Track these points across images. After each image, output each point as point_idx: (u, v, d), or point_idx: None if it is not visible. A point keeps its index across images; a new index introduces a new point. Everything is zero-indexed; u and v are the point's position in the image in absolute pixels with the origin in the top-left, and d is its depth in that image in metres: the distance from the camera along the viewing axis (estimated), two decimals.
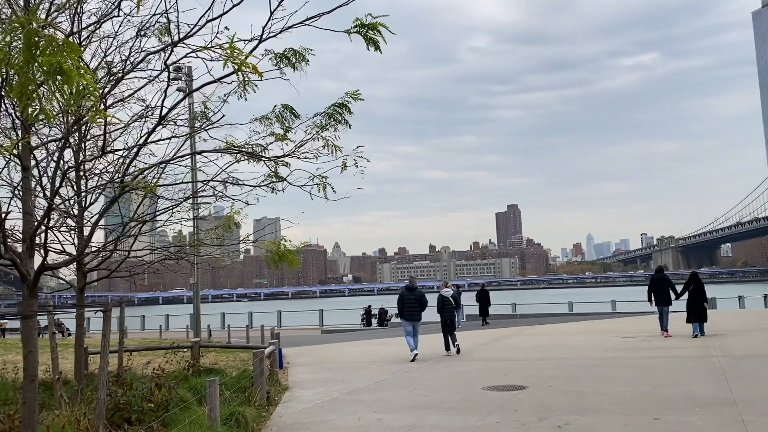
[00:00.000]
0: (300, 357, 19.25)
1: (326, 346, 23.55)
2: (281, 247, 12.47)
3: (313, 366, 16.56)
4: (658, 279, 20.12)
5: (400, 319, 17.31)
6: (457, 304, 18.25)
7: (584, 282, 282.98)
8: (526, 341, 20.00)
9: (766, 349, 14.75)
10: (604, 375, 12.13)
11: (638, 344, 17.27)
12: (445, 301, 17.61)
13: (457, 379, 12.69)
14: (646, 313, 33.05)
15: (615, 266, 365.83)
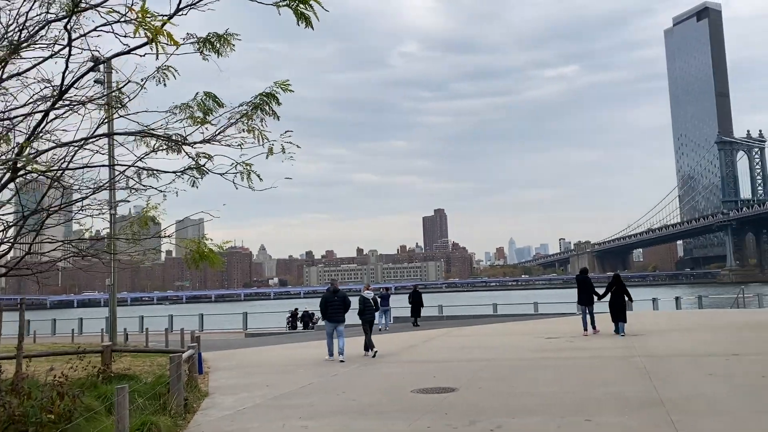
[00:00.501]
0: (222, 361, 18.44)
1: (250, 349, 22.75)
2: (202, 246, 11.79)
3: (236, 370, 15.84)
4: (581, 280, 20.83)
5: (324, 320, 17.41)
6: (377, 306, 18.63)
7: (506, 285, 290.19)
8: (453, 342, 19.94)
9: (684, 348, 15.20)
10: (532, 376, 12.10)
11: (562, 345, 17.50)
12: (366, 303, 17.88)
13: (386, 382, 12.35)
14: (567, 315, 34.00)
15: (535, 270, 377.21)
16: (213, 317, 50.97)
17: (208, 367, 16.73)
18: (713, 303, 44.22)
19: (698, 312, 31.27)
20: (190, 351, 11.64)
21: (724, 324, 21.31)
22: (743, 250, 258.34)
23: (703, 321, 23.25)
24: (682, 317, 26.33)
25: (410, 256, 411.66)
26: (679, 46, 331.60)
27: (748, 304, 33.81)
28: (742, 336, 17.30)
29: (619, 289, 19.65)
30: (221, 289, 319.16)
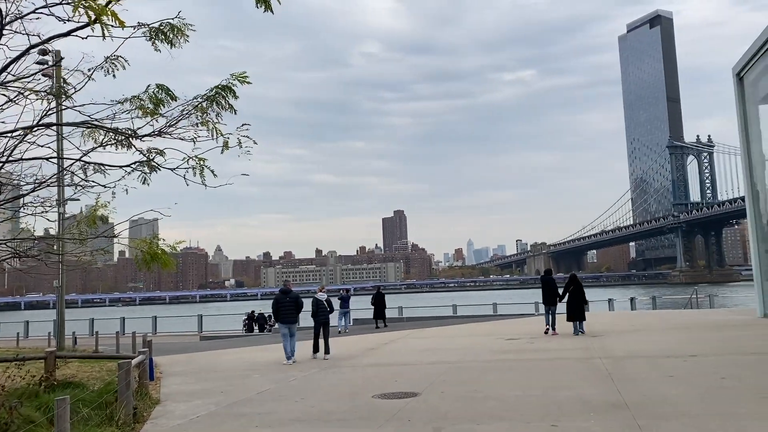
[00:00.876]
0: (175, 366, 17.80)
1: (205, 353, 22.11)
2: (154, 246, 11.25)
3: (190, 376, 15.27)
4: (545, 281, 21.19)
5: (277, 322, 17.37)
6: (331, 308, 18.60)
7: (464, 285, 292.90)
8: (414, 345, 19.72)
9: (642, 350, 15.28)
10: (494, 379, 11.93)
11: (523, 346, 17.45)
12: (320, 304, 17.92)
13: (346, 387, 12.01)
14: (526, 315, 34.23)
15: (493, 270, 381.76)
16: (167, 320, 49.74)
17: (160, 373, 16.11)
18: (666, 303, 45.25)
19: (653, 312, 31.84)
20: (140, 356, 11.09)
21: (679, 324, 21.64)
22: (692, 252, 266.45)
23: (658, 321, 23.59)
24: (638, 318, 26.71)
25: (370, 257, 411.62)
26: (632, 52, 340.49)
27: (701, 305, 34.59)
28: (698, 336, 17.55)
29: (577, 289, 19.99)
30: (176, 290, 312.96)
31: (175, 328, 45.46)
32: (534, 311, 37.21)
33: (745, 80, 23.86)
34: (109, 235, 11.55)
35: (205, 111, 7.90)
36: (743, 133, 23.96)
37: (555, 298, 20.43)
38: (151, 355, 15.60)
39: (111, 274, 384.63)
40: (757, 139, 23.59)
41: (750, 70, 23.22)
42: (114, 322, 45.33)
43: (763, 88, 22.90)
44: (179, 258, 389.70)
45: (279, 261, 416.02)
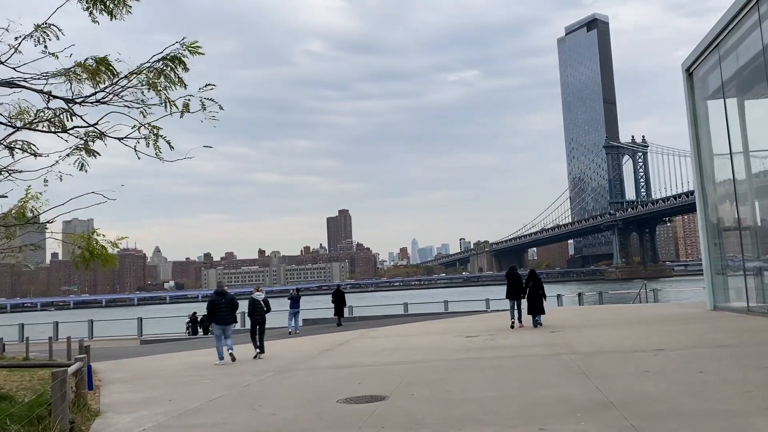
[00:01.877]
0: (116, 372, 16.54)
1: (147, 358, 20.79)
2: (92, 243, 10.15)
3: (132, 383, 14.10)
4: (510, 276, 21.74)
5: (212, 324, 17.61)
6: (268, 308, 18.90)
7: (409, 284, 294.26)
8: (371, 344, 18.99)
9: (606, 345, 15.01)
10: (464, 378, 11.32)
11: (483, 343, 16.97)
12: (256, 304, 18.34)
13: (306, 392, 11.17)
14: (478, 312, 34.01)
15: (437, 269, 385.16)
16: (104, 324, 47.43)
17: (99, 380, 14.86)
18: (612, 298, 46.09)
19: (603, 307, 32.12)
20: (77, 363, 9.95)
21: (633, 319, 21.67)
22: (628, 249, 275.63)
23: (611, 316, 23.63)
24: (590, 312, 26.78)
25: (314, 257, 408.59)
26: (570, 54, 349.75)
27: (647, 299, 35.14)
28: (657, 330, 17.47)
29: (536, 284, 20.70)
30: (113, 293, 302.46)
31: (113, 332, 43.36)
32: (485, 308, 37.14)
33: (695, 76, 24.19)
34: (40, 223, 10.36)
35: (153, 84, 6.95)
36: (692, 128, 24.28)
37: (520, 293, 21.00)
38: (90, 362, 14.36)
39: (43, 277, 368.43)
40: (706, 134, 23.96)
41: (699, 66, 23.53)
42: (47, 327, 42.86)
43: (712, 84, 23.25)
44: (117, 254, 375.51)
45: (220, 262, 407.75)
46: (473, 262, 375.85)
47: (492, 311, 33.16)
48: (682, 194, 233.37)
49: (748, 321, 18.17)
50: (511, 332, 19.51)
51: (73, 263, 10.11)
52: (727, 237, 23.35)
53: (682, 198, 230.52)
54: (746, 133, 21.92)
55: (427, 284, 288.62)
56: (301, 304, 30.68)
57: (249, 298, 18.74)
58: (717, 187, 23.65)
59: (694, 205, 53.90)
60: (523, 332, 19.27)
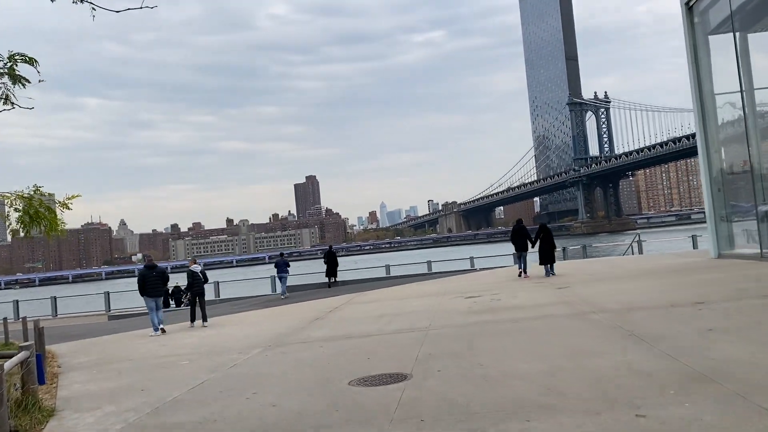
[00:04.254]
0: (79, 355, 14.52)
1: (116, 336, 18.76)
2: (35, 203, 8.05)
3: (98, 368, 12.14)
4: (517, 230, 22.47)
5: (143, 296, 17.88)
6: (205, 278, 19.41)
7: (380, 248, 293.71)
8: (364, 310, 17.26)
9: (633, 300, 13.49)
10: (492, 347, 9.66)
11: (491, 304, 15.36)
12: (195, 276, 18.76)
13: (307, 372, 9.38)
14: (464, 271, 32.61)
15: (406, 231, 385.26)
16: (70, 300, 44.83)
17: (58, 366, 12.87)
18: (594, 252, 45.15)
19: (596, 260, 30.88)
20: (22, 353, 7.96)
21: (640, 271, 20.35)
22: (592, 204, 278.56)
23: (610, 269, 22.31)
24: (585, 266, 25.43)
25: (283, 225, 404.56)
26: (531, 11, 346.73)
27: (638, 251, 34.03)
28: (676, 282, 16.09)
29: (547, 236, 21.57)
30: (79, 269, 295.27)
31: (79, 309, 40.92)
32: (470, 266, 35.79)
33: (695, 10, 22.50)
34: None
35: None
36: (693, 66, 22.70)
37: (526, 244, 21.99)
38: (43, 347, 12.33)
39: (5, 255, 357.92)
40: (707, 72, 22.42)
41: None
42: (6, 307, 40.23)
43: (714, 17, 21.63)
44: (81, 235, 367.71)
45: (188, 233, 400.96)
46: (442, 223, 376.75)
47: (481, 269, 31.76)
48: (644, 148, 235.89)
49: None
50: (514, 290, 17.98)
51: (9, 230, 7.99)
52: (732, 182, 22.06)
53: (644, 152, 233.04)
54: (750, 70, 20.47)
55: (397, 247, 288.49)
56: (280, 270, 29.20)
57: (187, 270, 19.06)
58: (721, 129, 22.25)
59: (655, 159, 51.56)
60: (529, 289, 17.75)
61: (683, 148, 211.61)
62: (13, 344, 20.29)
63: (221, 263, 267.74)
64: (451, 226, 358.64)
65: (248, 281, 45.64)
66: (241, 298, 32.79)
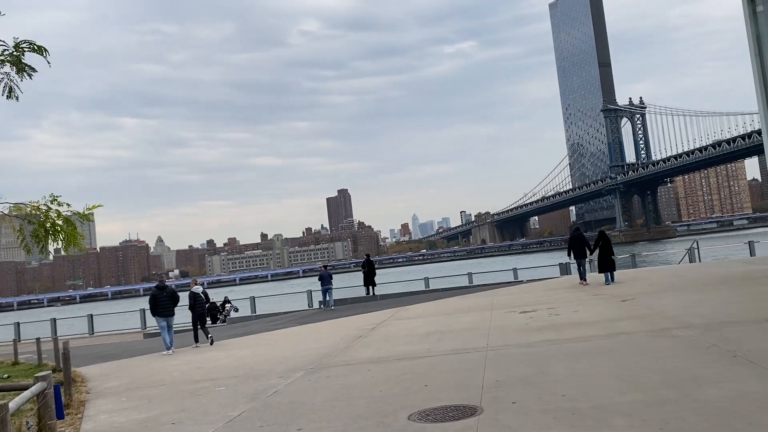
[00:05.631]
0: (109, 379, 13.64)
1: (148, 357, 17.88)
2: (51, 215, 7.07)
3: (128, 395, 11.18)
4: (575, 237, 22.25)
5: (155, 316, 18.24)
6: (208, 299, 20.76)
7: (413, 260, 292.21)
8: (410, 327, 16.04)
9: (715, 313, 12.04)
10: (570, 372, 8.38)
11: (550, 319, 14.03)
12: (197, 297, 19.27)
13: (358, 402, 8.23)
14: (509, 284, 31.06)
15: (439, 243, 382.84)
16: (107, 317, 44.59)
17: (87, 392, 11.96)
18: (641, 262, 43.14)
19: (652, 270, 29.11)
20: (37, 386, 6.99)
21: (705, 280, 18.74)
22: (630, 212, 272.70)
23: (673, 279, 20.69)
24: (641, 276, 23.77)
25: (316, 238, 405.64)
26: (562, 19, 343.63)
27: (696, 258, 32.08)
28: (757, 292, 14.54)
29: (606, 244, 21.27)
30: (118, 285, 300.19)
31: (116, 326, 40.56)
32: (513, 278, 34.24)
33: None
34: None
35: None
36: (756, 59, 21.03)
37: (586, 252, 21.79)
38: (68, 371, 11.44)
39: (47, 273, 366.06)
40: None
41: None
42: (45, 325, 40.08)
43: None
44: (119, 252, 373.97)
45: (223, 248, 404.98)
46: (475, 234, 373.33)
47: (528, 281, 30.21)
48: (682, 154, 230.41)
49: None
50: (572, 303, 16.58)
51: (22, 246, 7.03)
52: None
53: (683, 158, 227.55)
54: None
55: (431, 259, 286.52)
56: (326, 282, 28.59)
57: (189, 292, 19.41)
58: None
59: (695, 165, 49.01)
60: (589, 302, 16.34)
61: (724, 153, 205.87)
62: (46, 365, 19.64)
63: (256, 277, 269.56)
64: (485, 237, 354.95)
65: (284, 296, 44.85)
66: (277, 314, 31.85)
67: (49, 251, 7.55)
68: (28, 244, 7.07)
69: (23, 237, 7.11)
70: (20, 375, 17.74)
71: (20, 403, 5.99)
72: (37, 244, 7.02)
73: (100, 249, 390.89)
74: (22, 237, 7.16)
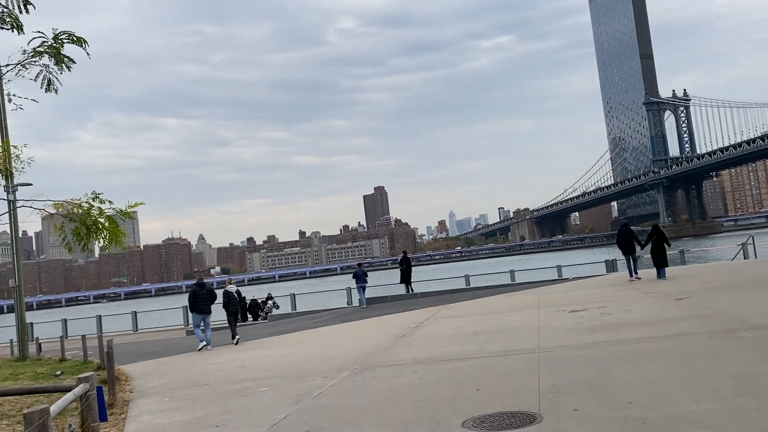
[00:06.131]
0: (153, 377, 13.58)
1: (191, 355, 17.84)
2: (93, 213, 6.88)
3: (171, 394, 11.05)
4: (624, 232, 21.85)
5: (191, 312, 18.86)
6: (240, 299, 21.19)
7: (450, 257, 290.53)
8: (454, 326, 15.60)
9: None
10: (632, 377, 7.85)
11: (602, 319, 13.44)
12: (230, 296, 19.81)
13: (407, 406, 7.87)
14: (552, 281, 30.26)
15: (477, 240, 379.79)
16: (150, 314, 45.31)
17: (130, 391, 11.90)
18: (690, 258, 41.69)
19: (701, 266, 28.06)
20: (79, 387, 6.83)
21: (764, 277, 17.82)
22: (674, 207, 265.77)
23: (725, 276, 19.78)
24: (694, 273, 22.84)
25: (353, 236, 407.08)
26: (602, 10, 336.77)
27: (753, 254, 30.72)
28: None
29: (659, 237, 20.80)
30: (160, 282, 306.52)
31: (159, 323, 41.16)
32: (557, 276, 33.38)
33: None
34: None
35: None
36: None
37: (634, 247, 21.41)
38: (112, 370, 11.37)
39: (93, 270, 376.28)
40: None
41: None
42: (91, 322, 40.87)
43: None
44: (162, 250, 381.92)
45: (263, 245, 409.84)
46: (514, 230, 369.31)
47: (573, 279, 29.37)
48: (729, 147, 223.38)
49: None
50: (624, 302, 15.92)
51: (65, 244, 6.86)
52: None
53: (729, 151, 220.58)
54: None
55: (468, 256, 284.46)
56: (360, 280, 28.49)
57: (223, 291, 19.90)
58: None
59: (742, 158, 46.97)
60: (641, 301, 15.67)
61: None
62: (91, 362, 19.82)
63: (295, 274, 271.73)
64: (524, 234, 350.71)
65: (323, 293, 44.83)
66: (317, 311, 31.73)
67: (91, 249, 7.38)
68: (70, 242, 6.90)
69: (65, 235, 6.95)
70: (67, 372, 17.91)
71: (62, 406, 5.81)
72: (79, 242, 6.84)
73: (144, 247, 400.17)
74: (63, 235, 7.01)
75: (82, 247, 7.20)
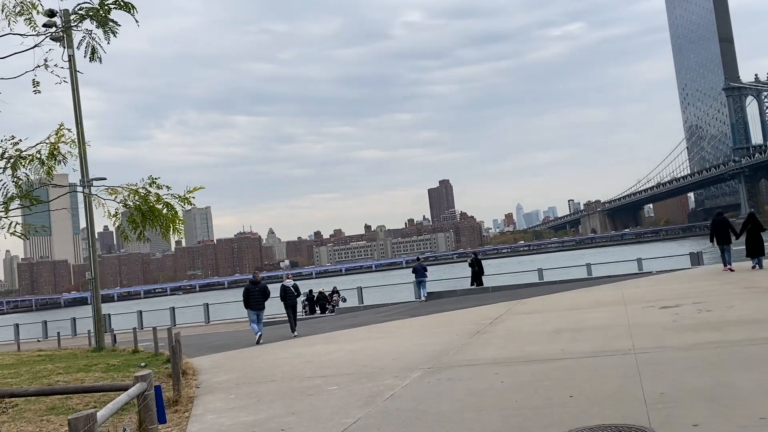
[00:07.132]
0: (220, 372, 13.22)
1: (258, 349, 17.51)
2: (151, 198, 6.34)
3: (237, 391, 10.58)
4: (719, 222, 20.92)
5: (246, 308, 19.10)
6: (298, 292, 20.57)
7: (518, 251, 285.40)
8: (532, 323, 14.57)
9: None
10: (758, 386, 6.72)
11: (705, 317, 12.09)
12: (287, 290, 19.90)
13: (491, 415, 7.01)
14: (633, 275, 28.52)
15: (546, 233, 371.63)
16: (222, 306, 45.95)
17: (197, 387, 11.53)
18: None
19: None
20: (135, 387, 6.33)
21: None
22: (757, 197, 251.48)
23: None
24: None
25: (418, 229, 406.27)
26: None
27: None
28: None
29: (755, 226, 20.03)
30: (233, 275, 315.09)
31: (230, 315, 41.63)
32: (637, 269, 31.50)
33: None
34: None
35: None
36: None
37: (729, 237, 20.54)
38: (178, 364, 11.00)
39: (170, 263, 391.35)
40: None
41: None
42: (164, 314, 41.84)
43: None
44: (234, 244, 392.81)
45: (330, 239, 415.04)
46: (584, 223, 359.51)
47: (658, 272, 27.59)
48: None
49: None
50: (722, 296, 14.47)
51: (121, 233, 6.36)
52: None
53: None
54: None
55: (536, 249, 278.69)
56: (419, 275, 27.91)
57: (281, 285, 20.12)
58: None
59: None
60: (743, 296, 14.19)
61: None
62: (162, 354, 19.87)
63: (361, 268, 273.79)
64: (595, 227, 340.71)
65: (389, 286, 44.30)
66: (383, 305, 31.15)
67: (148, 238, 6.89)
68: (125, 230, 6.41)
69: (120, 222, 6.47)
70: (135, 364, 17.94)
71: (113, 410, 5.30)
72: (134, 230, 6.33)
73: (217, 241, 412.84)
74: (118, 222, 6.53)
75: (137, 235, 6.75)
